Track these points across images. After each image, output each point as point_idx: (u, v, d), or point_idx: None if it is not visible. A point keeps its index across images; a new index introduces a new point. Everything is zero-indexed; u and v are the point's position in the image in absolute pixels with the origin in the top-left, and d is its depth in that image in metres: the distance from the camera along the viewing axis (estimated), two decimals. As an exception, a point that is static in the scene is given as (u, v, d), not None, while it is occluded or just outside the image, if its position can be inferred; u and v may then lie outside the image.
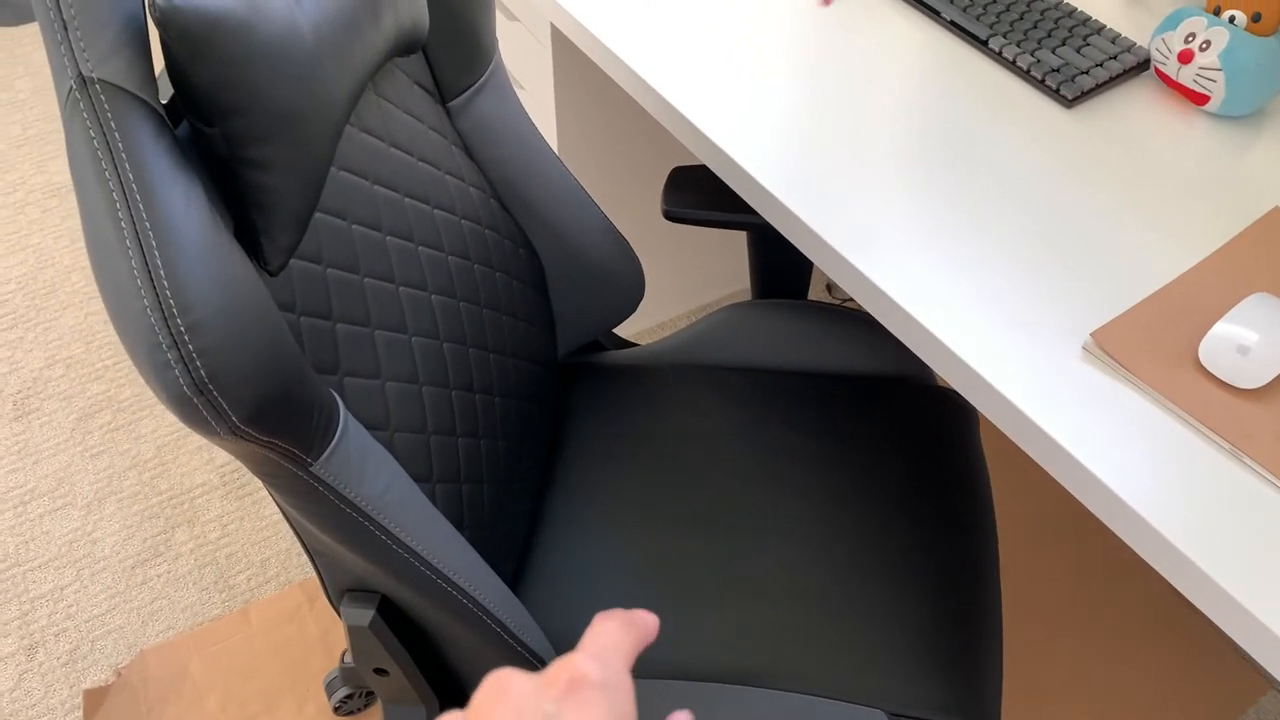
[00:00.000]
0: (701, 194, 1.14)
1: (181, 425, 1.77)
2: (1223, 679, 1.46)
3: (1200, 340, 0.80)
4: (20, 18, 2.62)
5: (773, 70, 1.08)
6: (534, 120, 1.53)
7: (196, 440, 1.76)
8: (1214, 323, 0.82)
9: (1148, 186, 0.95)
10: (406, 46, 0.82)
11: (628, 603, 0.97)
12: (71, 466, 1.72)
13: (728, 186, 1.04)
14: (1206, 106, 1.01)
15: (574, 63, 1.44)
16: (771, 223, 0.97)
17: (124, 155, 0.57)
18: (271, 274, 0.69)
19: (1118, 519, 0.74)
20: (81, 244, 2.08)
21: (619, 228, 1.54)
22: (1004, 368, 0.81)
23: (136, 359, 0.59)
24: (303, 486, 0.69)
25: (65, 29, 0.55)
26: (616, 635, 0.40)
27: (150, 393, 1.82)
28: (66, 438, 1.76)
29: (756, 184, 0.97)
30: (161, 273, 0.57)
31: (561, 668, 0.36)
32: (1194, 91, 1.01)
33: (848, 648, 0.93)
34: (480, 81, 0.94)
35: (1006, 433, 0.80)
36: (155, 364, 0.58)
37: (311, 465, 0.68)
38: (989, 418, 0.82)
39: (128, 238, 0.57)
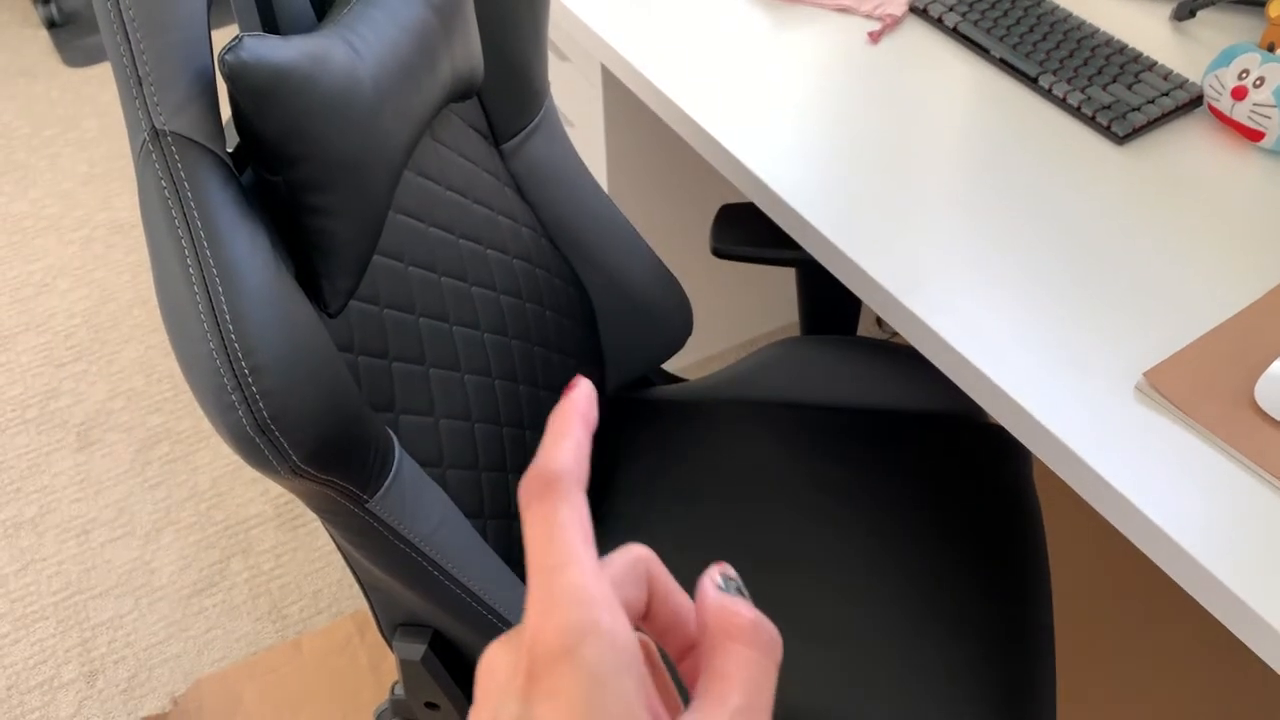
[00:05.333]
0: (750, 231, 1.15)
1: (237, 458, 1.81)
2: (1286, 724, 1.42)
3: (1256, 380, 0.79)
4: (89, 59, 2.71)
5: (821, 108, 1.09)
6: (584, 159, 1.56)
7: (252, 472, 1.79)
8: (1270, 362, 0.81)
9: (1201, 224, 0.94)
10: (462, 93, 0.85)
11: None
12: (131, 497, 1.76)
13: (775, 224, 1.05)
14: (1261, 143, 1.01)
15: (624, 102, 1.46)
16: (820, 261, 0.98)
17: (193, 204, 0.59)
18: (331, 316, 0.71)
19: (1171, 561, 0.73)
20: (143, 279, 2.14)
21: (668, 265, 1.55)
22: (1056, 407, 0.80)
23: (202, 400, 0.61)
24: (358, 523, 0.71)
25: (140, 84, 0.58)
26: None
27: (207, 425, 1.87)
28: (127, 468, 1.80)
29: (805, 222, 0.97)
30: (227, 317, 0.59)
31: (530, 636, 0.25)
32: (1248, 128, 1.01)
33: (900, 689, 0.92)
34: (533, 124, 0.96)
35: (1058, 473, 0.80)
36: (220, 405, 0.60)
37: (367, 502, 0.69)
38: (1040, 457, 0.81)
39: (195, 283, 0.59)
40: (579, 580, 0.25)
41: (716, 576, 0.29)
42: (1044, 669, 0.96)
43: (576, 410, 0.29)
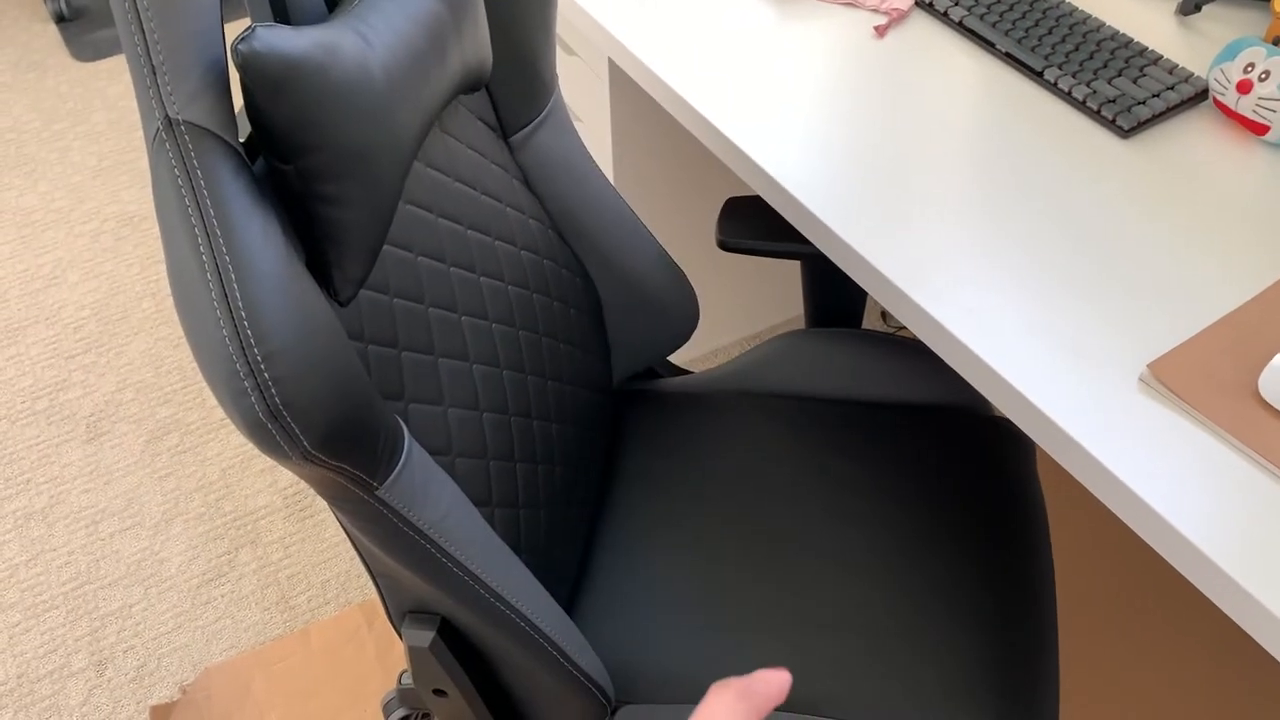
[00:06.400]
0: (755, 224, 1.16)
1: (246, 448, 1.82)
2: (1290, 717, 1.42)
3: (1260, 372, 0.80)
4: (98, 53, 2.72)
5: (827, 102, 1.09)
6: (591, 152, 1.56)
7: (260, 463, 1.80)
8: (1274, 354, 0.81)
9: (1206, 217, 0.95)
10: (471, 85, 0.85)
11: (680, 630, 0.98)
12: (141, 488, 1.77)
13: (781, 217, 1.05)
14: (1266, 137, 1.01)
15: (630, 96, 1.47)
16: (826, 253, 0.99)
17: (205, 192, 0.60)
18: (342, 304, 0.72)
19: (1175, 551, 0.74)
20: (152, 271, 2.15)
21: (674, 257, 1.55)
22: (1060, 399, 0.81)
23: (214, 386, 0.62)
24: (368, 510, 0.72)
25: (154, 73, 0.58)
26: (728, 711, 0.37)
27: (216, 416, 1.88)
28: (136, 459, 1.81)
29: (810, 214, 0.98)
30: (240, 304, 0.60)
31: None
32: (1253, 122, 1.01)
33: (904, 680, 0.93)
34: (540, 117, 0.97)
35: (1063, 464, 0.80)
36: (232, 391, 0.60)
37: (377, 489, 0.70)
38: (1045, 449, 0.82)
39: (208, 271, 0.60)
40: None
41: None
42: (1047, 658, 0.97)
43: (776, 686, 0.39)
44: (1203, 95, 1.06)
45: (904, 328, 1.90)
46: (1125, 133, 1.03)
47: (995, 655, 0.94)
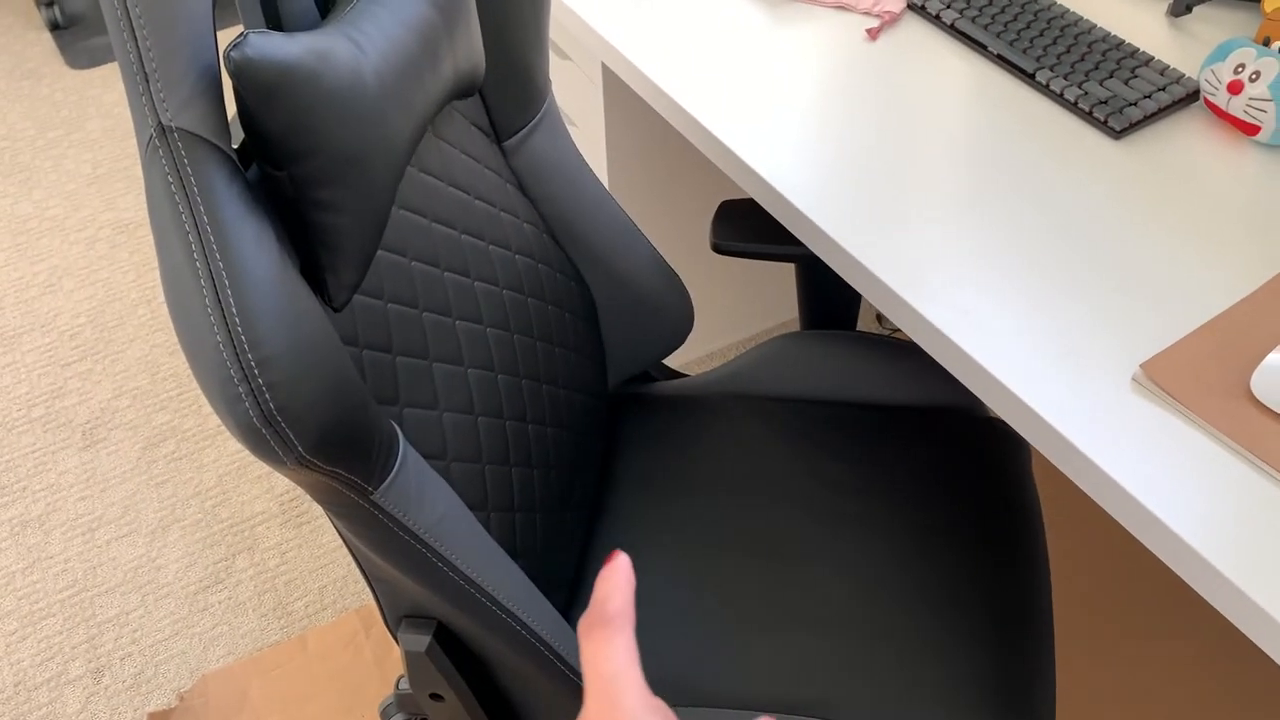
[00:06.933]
0: (749, 227, 1.16)
1: (242, 455, 1.82)
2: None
3: (1252, 371, 0.80)
4: (93, 61, 2.72)
5: (820, 105, 1.10)
6: (585, 156, 1.56)
7: (257, 469, 1.80)
8: (1266, 354, 0.81)
9: (1198, 217, 0.95)
10: (464, 90, 0.85)
11: (676, 632, 0.98)
12: (137, 495, 1.77)
13: (775, 219, 1.05)
14: (1257, 137, 1.01)
15: (624, 100, 1.47)
16: (819, 256, 0.99)
17: (199, 199, 0.60)
18: (336, 310, 0.72)
19: (1170, 552, 0.74)
20: (147, 278, 2.15)
21: (668, 260, 1.56)
22: (1054, 400, 0.81)
23: (208, 392, 0.62)
24: (363, 514, 0.72)
25: (147, 81, 0.59)
26: (608, 652, 0.38)
27: (212, 423, 1.88)
28: (132, 466, 1.81)
29: (804, 217, 0.98)
30: (234, 310, 0.60)
31: None
32: (1244, 122, 1.01)
33: (900, 681, 0.93)
34: (534, 121, 0.97)
35: (1057, 465, 0.81)
36: (227, 397, 0.61)
37: (372, 494, 0.70)
38: (1039, 449, 0.82)
39: (202, 278, 0.60)
40: (634, 693, 0.37)
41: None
42: (1043, 658, 0.97)
43: (622, 574, 0.39)
44: (1194, 96, 1.07)
45: (898, 330, 1.90)
46: (1117, 134, 1.03)
47: (991, 656, 0.94)
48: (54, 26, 2.82)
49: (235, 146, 0.69)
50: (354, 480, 0.68)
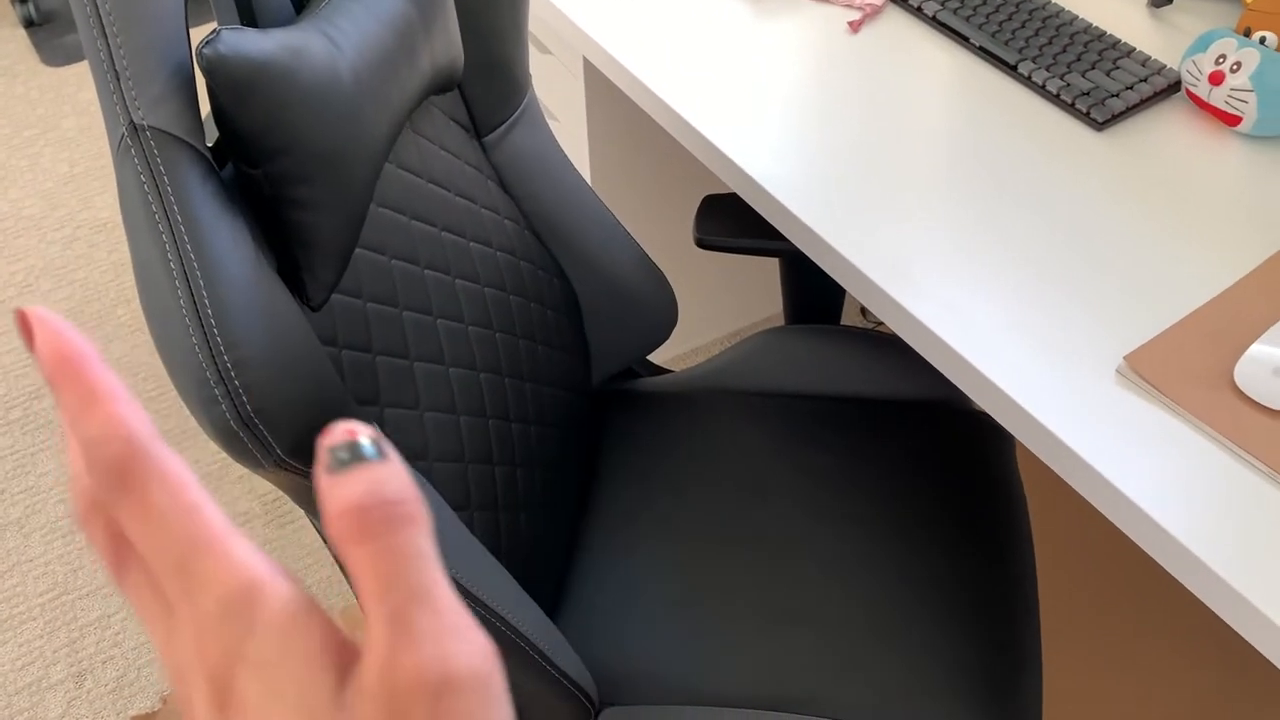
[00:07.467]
0: (733, 222, 1.16)
1: (224, 455, 1.80)
2: (1266, 701, 1.43)
3: (1235, 362, 0.80)
4: (69, 58, 2.69)
5: (803, 98, 1.09)
6: (567, 151, 1.55)
7: (238, 470, 1.79)
8: (1249, 345, 0.81)
9: (1180, 208, 0.95)
10: (443, 85, 0.85)
11: (664, 630, 0.97)
12: (118, 496, 1.75)
13: (759, 214, 1.05)
14: (1238, 128, 1.01)
15: (606, 94, 1.46)
16: (803, 250, 0.98)
17: (173, 198, 0.59)
18: (314, 309, 0.71)
19: (1154, 543, 0.74)
20: (126, 278, 2.13)
21: (652, 256, 1.55)
22: (1037, 392, 0.81)
23: (184, 394, 0.61)
24: (345, 516, 0.71)
25: (118, 79, 0.58)
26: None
27: (193, 423, 1.86)
28: (113, 468, 1.79)
29: (787, 211, 0.98)
30: (209, 311, 0.59)
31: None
32: (1226, 113, 1.01)
33: (887, 677, 0.92)
34: (514, 117, 0.96)
35: (1041, 457, 0.81)
36: (202, 399, 0.60)
37: (353, 496, 0.69)
38: (1024, 442, 0.82)
39: (176, 278, 0.59)
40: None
41: (325, 454, 0.23)
42: (1029, 647, 0.97)
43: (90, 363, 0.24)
44: (1175, 87, 1.07)
45: (882, 324, 1.90)
46: (1099, 125, 1.03)
47: (978, 652, 0.94)
48: (28, 23, 2.79)
49: (209, 145, 0.68)
50: (334, 482, 0.68)
